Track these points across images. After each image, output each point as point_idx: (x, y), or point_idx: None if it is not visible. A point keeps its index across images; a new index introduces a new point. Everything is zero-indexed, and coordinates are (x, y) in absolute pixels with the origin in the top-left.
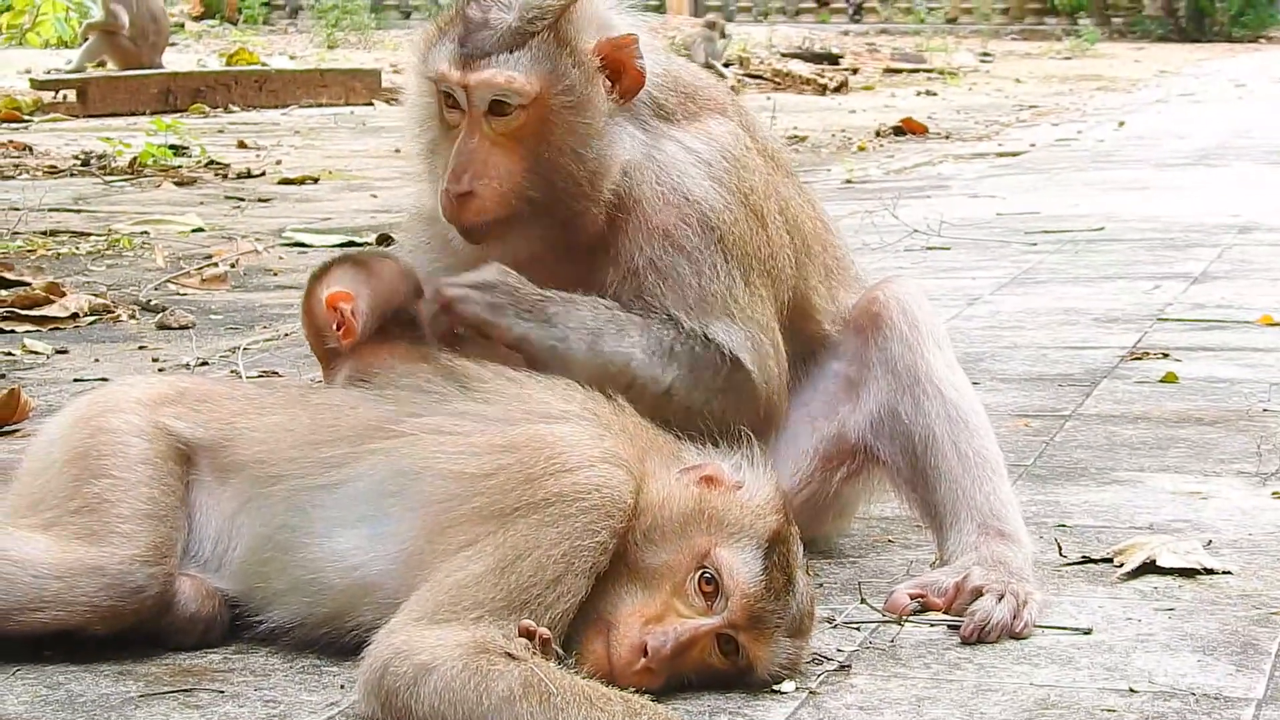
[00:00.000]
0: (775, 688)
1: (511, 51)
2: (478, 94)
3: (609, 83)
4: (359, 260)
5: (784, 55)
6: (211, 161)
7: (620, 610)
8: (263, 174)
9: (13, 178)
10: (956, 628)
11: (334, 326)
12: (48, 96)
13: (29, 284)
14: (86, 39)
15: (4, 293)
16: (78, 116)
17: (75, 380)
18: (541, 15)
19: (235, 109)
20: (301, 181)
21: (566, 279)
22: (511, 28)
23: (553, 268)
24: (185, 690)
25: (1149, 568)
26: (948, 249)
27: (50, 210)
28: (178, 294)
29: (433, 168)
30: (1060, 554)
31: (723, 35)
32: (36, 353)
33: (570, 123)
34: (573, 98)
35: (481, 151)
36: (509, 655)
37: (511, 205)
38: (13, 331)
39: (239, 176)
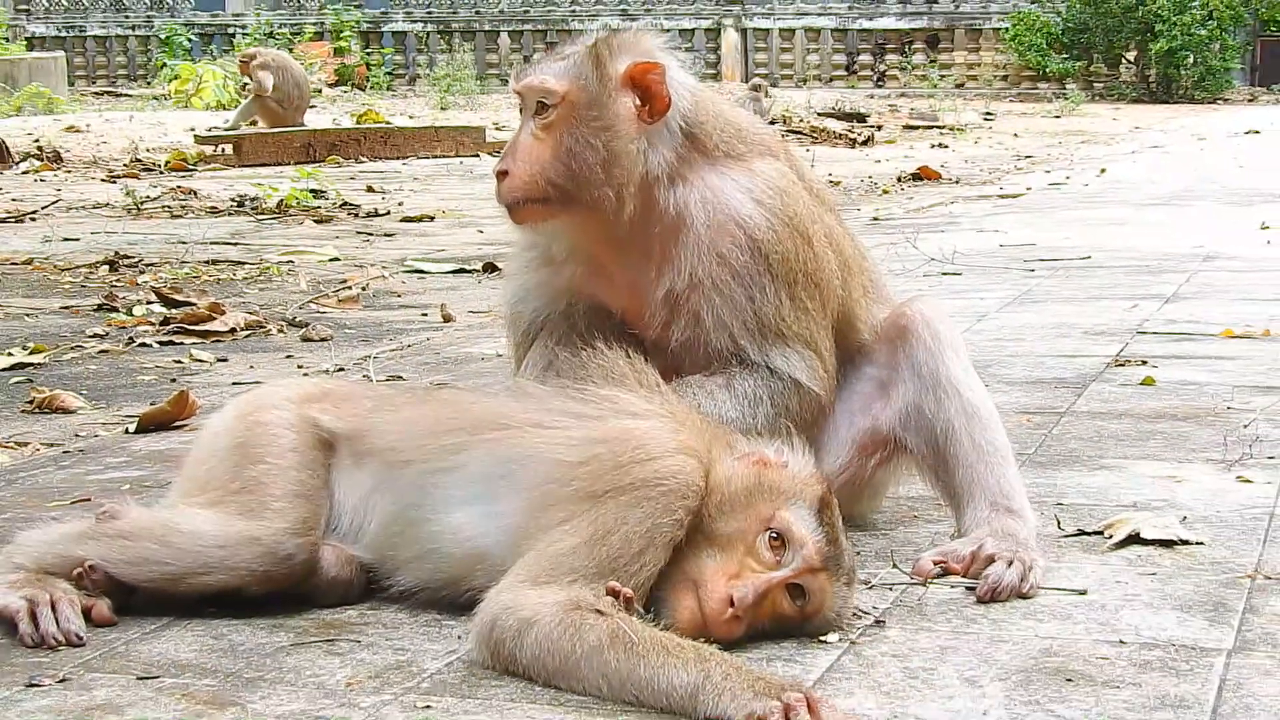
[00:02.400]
0: (822, 639)
1: (553, 65)
2: (527, 97)
3: (639, 102)
4: None
5: (820, 114)
6: (345, 203)
7: (704, 571)
8: (388, 213)
9: (181, 217)
10: (973, 589)
11: None
12: (209, 150)
13: (195, 304)
14: (242, 102)
15: (175, 311)
16: (233, 166)
17: (234, 384)
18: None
19: (364, 160)
20: (420, 220)
21: (635, 283)
22: (562, 52)
23: (618, 272)
24: (328, 640)
25: (1134, 539)
26: (959, 274)
27: (212, 243)
28: (318, 312)
29: None
30: (1059, 528)
31: (766, 95)
32: (202, 361)
33: (590, 120)
34: (594, 100)
35: (525, 143)
36: (598, 612)
37: (539, 186)
38: (182, 344)
39: (368, 215)
